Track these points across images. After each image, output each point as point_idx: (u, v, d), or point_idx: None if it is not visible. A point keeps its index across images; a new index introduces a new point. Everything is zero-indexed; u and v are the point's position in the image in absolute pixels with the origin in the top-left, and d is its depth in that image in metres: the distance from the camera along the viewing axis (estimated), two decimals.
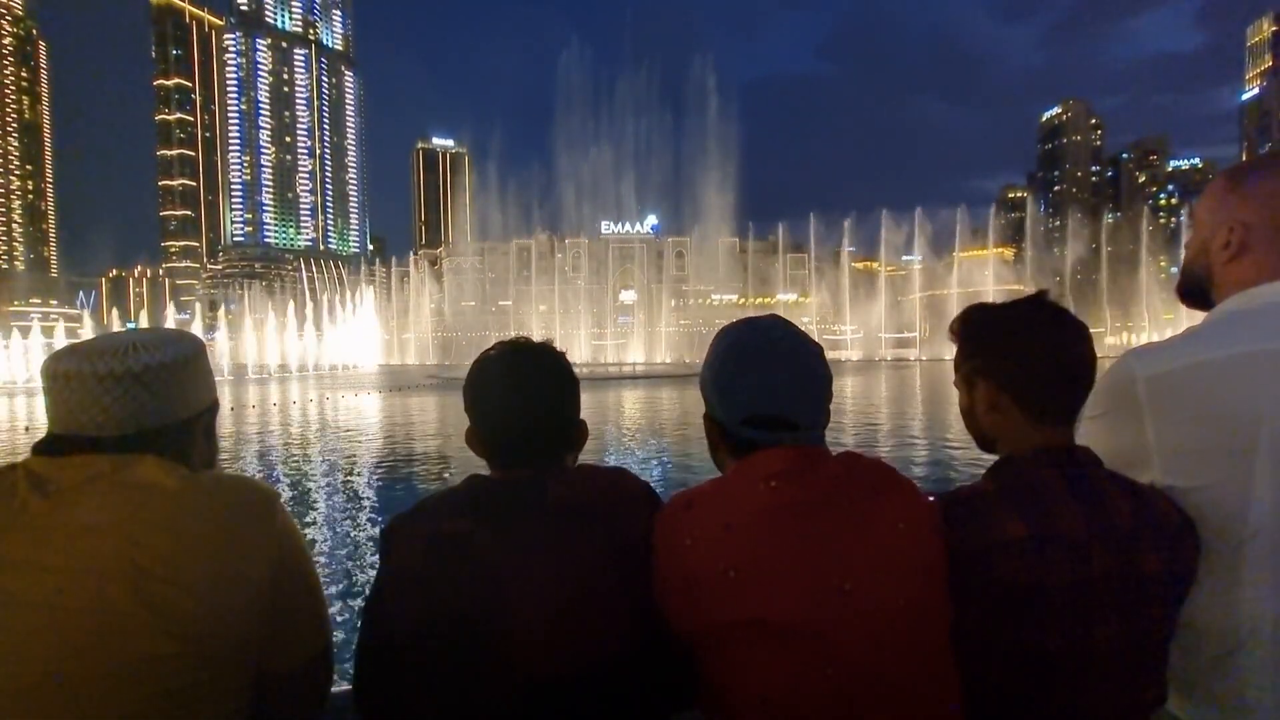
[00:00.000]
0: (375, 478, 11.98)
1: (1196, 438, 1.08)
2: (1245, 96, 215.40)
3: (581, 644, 0.98)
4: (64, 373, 0.94)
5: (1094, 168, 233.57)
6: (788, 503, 0.98)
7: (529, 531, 1.02)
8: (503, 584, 0.98)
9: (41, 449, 0.95)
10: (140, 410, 0.96)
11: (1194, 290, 1.27)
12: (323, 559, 7.45)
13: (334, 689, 1.12)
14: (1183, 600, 1.05)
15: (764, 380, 1.03)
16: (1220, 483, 1.06)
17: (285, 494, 10.83)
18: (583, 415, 1.16)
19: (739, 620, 0.95)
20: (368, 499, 10.40)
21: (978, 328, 1.15)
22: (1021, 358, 1.08)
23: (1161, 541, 1.02)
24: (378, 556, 1.04)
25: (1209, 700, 1.11)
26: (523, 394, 1.08)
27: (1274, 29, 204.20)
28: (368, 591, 1.03)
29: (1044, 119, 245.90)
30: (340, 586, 6.51)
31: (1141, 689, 1.03)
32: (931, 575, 1.00)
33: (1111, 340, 68.14)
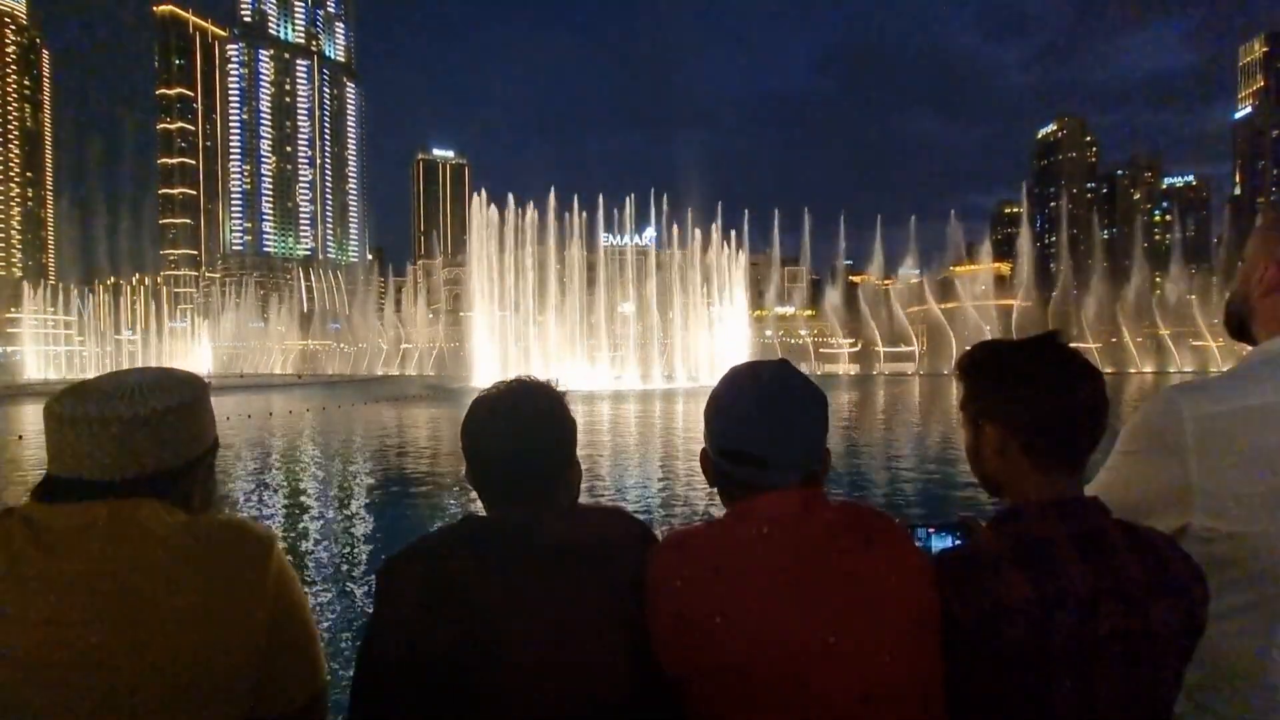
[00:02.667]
0: (372, 492, 11.93)
1: (1242, 482, 1.07)
2: (1238, 115, 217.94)
3: (576, 686, 0.98)
4: (67, 415, 0.93)
5: (1089, 184, 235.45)
6: (779, 550, 0.98)
7: (523, 573, 1.02)
8: (497, 627, 0.98)
9: (40, 493, 0.95)
10: (142, 455, 0.95)
11: (1236, 323, 1.29)
12: (318, 564, 7.41)
13: None
14: (1190, 654, 1.03)
15: (739, 416, 1.06)
16: (1265, 530, 1.05)
17: (282, 505, 10.78)
18: (580, 428, 1.17)
19: (723, 666, 0.95)
20: (365, 514, 10.35)
21: (985, 368, 1.12)
22: (1031, 403, 1.05)
23: (1171, 598, 1.00)
24: (373, 574, 0.95)
25: None
26: (517, 438, 1.09)
27: (1265, 50, 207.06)
28: (362, 628, 0.94)
29: (1039, 135, 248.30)
30: (336, 598, 6.48)
31: None
32: (922, 630, 1.00)
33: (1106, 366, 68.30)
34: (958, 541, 1.39)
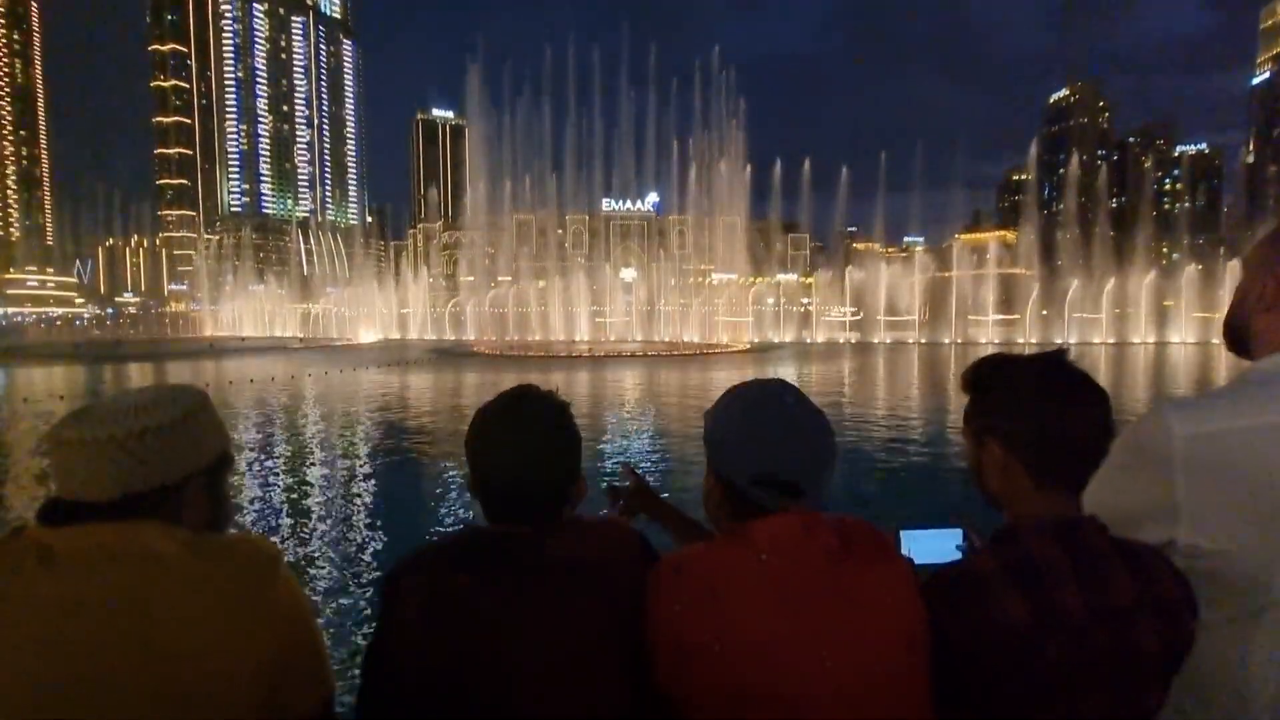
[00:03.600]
0: (381, 459, 12.08)
1: (1230, 502, 1.08)
2: (1256, 81, 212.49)
3: (576, 701, 1.00)
4: (65, 439, 0.96)
5: (1100, 151, 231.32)
6: (776, 576, 0.99)
7: (526, 590, 1.03)
8: (500, 642, 1.00)
9: (45, 516, 0.97)
10: (125, 475, 0.97)
11: (1233, 336, 1.29)
12: (326, 541, 7.58)
13: None
14: (1177, 670, 1.05)
15: (778, 443, 1.05)
16: (1248, 549, 1.07)
17: (284, 479, 10.95)
18: (586, 390, 1.42)
19: (721, 689, 0.97)
20: (373, 481, 10.50)
21: (992, 385, 1.12)
22: (1037, 425, 1.05)
23: (1160, 619, 1.02)
24: (377, 554, 1.02)
25: None
26: (522, 455, 1.10)
27: None
28: (364, 622, 1.01)
29: (1051, 100, 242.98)
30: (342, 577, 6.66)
31: None
32: (913, 648, 1.02)
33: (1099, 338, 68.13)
34: (960, 545, 1.38)
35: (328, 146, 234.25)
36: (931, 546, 1.38)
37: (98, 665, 0.88)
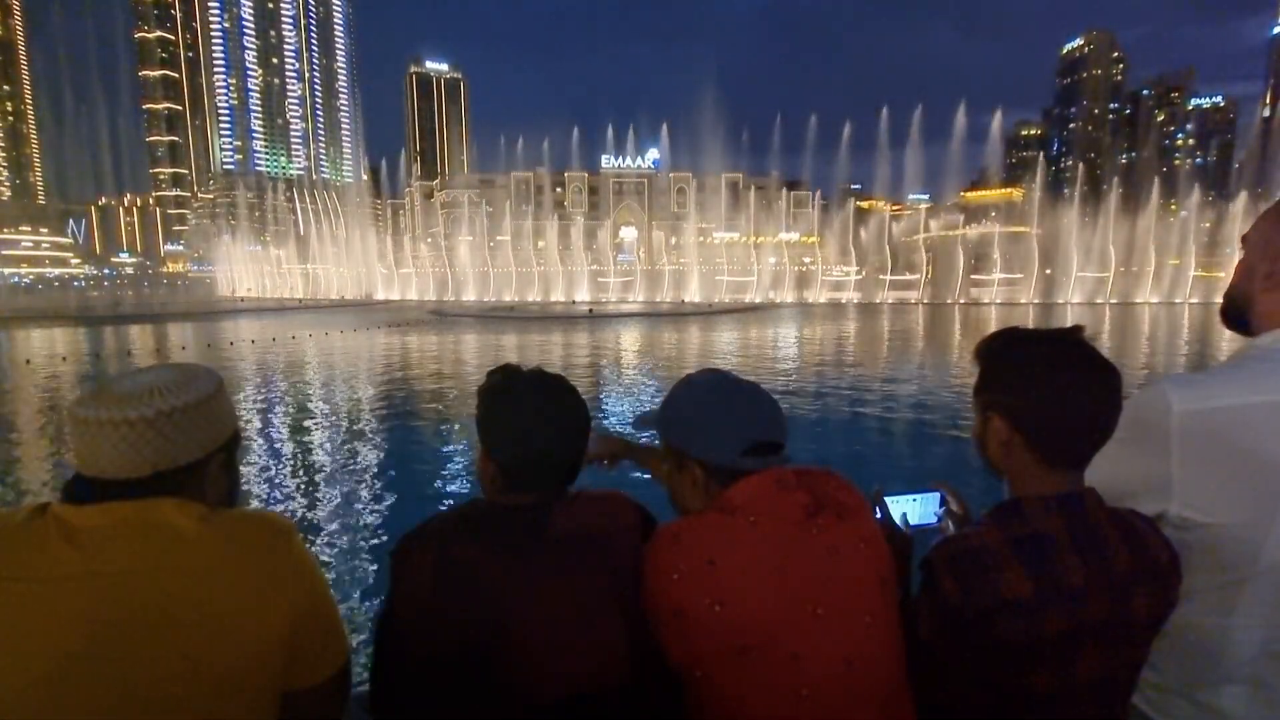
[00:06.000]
0: (387, 423, 12.03)
1: (1224, 478, 1.10)
2: (1276, 30, 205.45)
3: (581, 667, 1.03)
4: (86, 419, 0.98)
5: (1113, 104, 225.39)
6: (765, 537, 1.05)
7: (531, 560, 1.06)
8: (507, 611, 1.03)
9: (68, 494, 0.99)
10: (158, 453, 0.99)
11: (1233, 312, 1.29)
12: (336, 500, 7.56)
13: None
14: (1160, 629, 1.09)
15: (754, 412, 1.14)
16: (1239, 523, 1.10)
17: (290, 445, 10.90)
18: (584, 354, 1.34)
19: (724, 649, 1.02)
20: (379, 448, 10.45)
21: (1004, 361, 1.12)
22: (1045, 404, 1.06)
23: (1152, 585, 1.06)
24: (385, 521, 1.04)
25: (1187, 708, 1.17)
26: (549, 431, 1.13)
27: None
28: (380, 604, 1.08)
29: (1065, 51, 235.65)
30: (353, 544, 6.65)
31: (1112, 712, 1.09)
32: (886, 589, 1.09)
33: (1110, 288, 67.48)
34: (938, 509, 1.43)
35: (319, 101, 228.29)
36: (913, 510, 1.43)
37: (120, 639, 0.90)
